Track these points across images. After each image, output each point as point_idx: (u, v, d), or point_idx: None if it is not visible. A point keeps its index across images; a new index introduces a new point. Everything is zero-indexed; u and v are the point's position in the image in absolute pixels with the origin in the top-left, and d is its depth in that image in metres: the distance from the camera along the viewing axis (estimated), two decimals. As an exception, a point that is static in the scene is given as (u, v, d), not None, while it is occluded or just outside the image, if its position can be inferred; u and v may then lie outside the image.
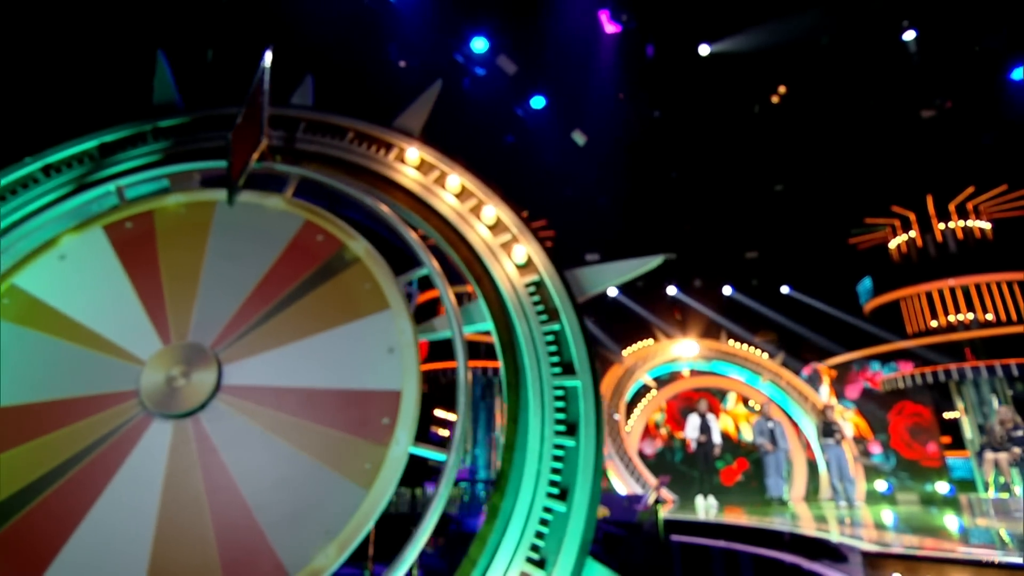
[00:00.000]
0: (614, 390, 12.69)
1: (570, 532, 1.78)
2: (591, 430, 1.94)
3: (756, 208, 14.41)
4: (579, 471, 1.86)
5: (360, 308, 1.86)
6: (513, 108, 9.57)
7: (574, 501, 1.82)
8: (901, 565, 4.12)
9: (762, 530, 6.25)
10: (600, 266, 2.45)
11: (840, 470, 9.43)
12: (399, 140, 2.56)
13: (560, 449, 1.92)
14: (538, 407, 1.97)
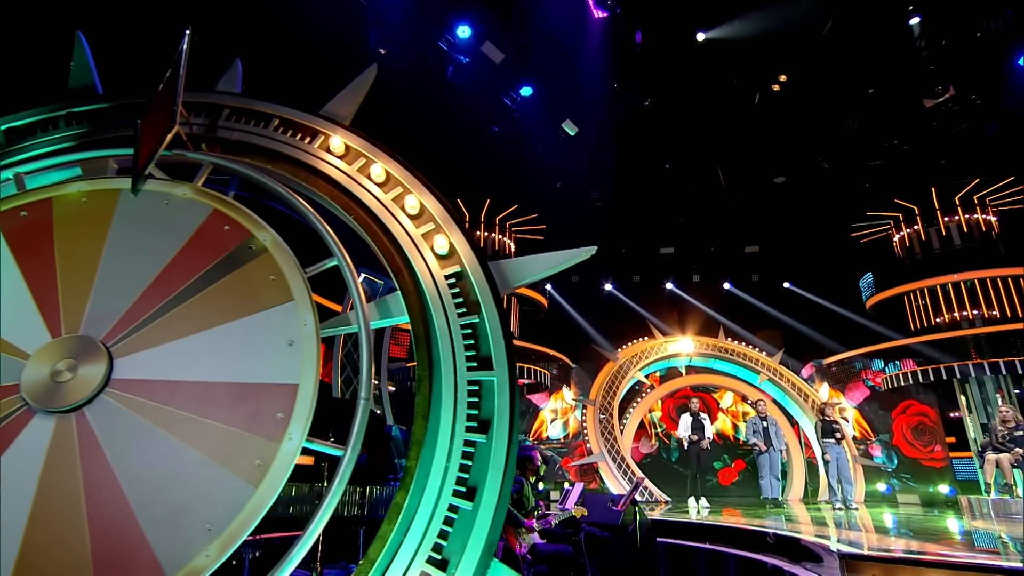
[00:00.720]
0: (606, 388, 12.69)
1: (475, 532, 1.76)
2: (504, 426, 1.92)
3: (756, 201, 14.32)
4: (489, 469, 1.85)
5: (263, 300, 1.85)
6: (499, 97, 9.52)
7: (482, 500, 1.81)
8: (878, 568, 4.12)
9: (746, 531, 6.25)
10: (528, 257, 2.44)
11: (839, 470, 9.40)
12: (325, 128, 2.54)
13: (470, 446, 1.90)
14: (450, 402, 1.96)
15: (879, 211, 12.20)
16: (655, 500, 11.24)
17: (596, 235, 15.00)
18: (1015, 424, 8.82)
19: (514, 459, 1.87)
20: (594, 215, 13.16)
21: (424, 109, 9.31)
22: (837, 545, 4.50)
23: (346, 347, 8.63)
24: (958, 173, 11.09)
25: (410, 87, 8.88)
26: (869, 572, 4.09)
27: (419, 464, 1.85)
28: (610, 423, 12.24)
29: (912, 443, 12.62)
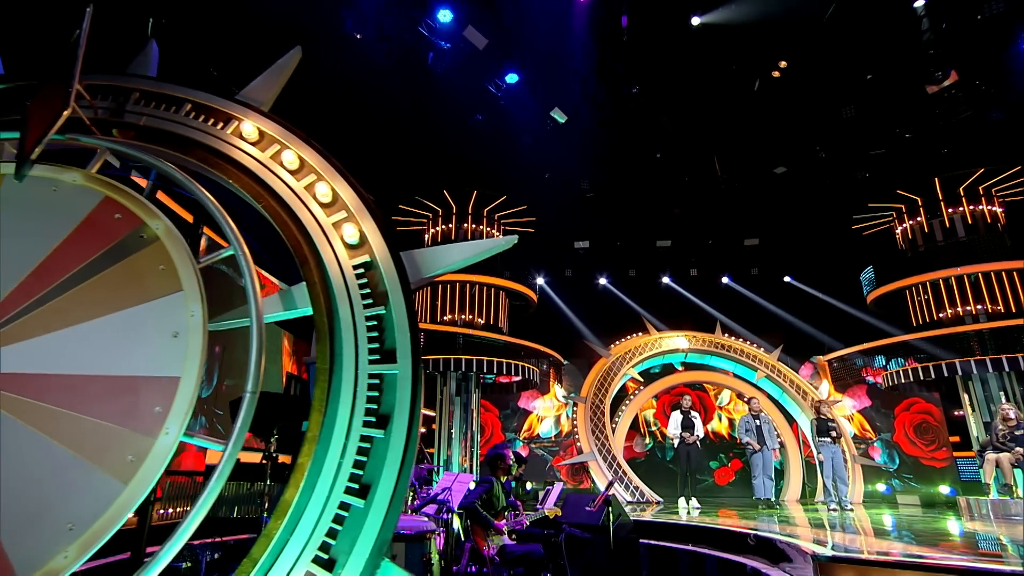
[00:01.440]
0: (598, 385, 12.68)
1: (366, 531, 1.74)
2: (403, 421, 1.90)
3: (756, 193, 14.22)
4: (385, 465, 1.82)
5: (150, 290, 1.83)
6: (483, 84, 9.45)
7: (375, 497, 1.78)
8: (852, 570, 4.10)
9: (728, 533, 6.24)
10: (444, 247, 2.40)
11: (834, 470, 9.37)
12: (239, 113, 2.51)
13: (367, 442, 1.88)
14: (349, 396, 1.94)
15: (881, 202, 12.10)
16: (647, 500, 11.24)
17: (589, 228, 15.02)
18: (1016, 423, 8.75)
19: (413, 456, 1.84)
20: (586, 207, 13.10)
21: (404, 97, 9.26)
22: (812, 547, 4.48)
23: (324, 343, 8.63)
24: (962, 162, 10.97)
25: (388, 74, 8.83)
26: (843, 574, 4.07)
27: (312, 460, 1.83)
28: (601, 421, 12.24)
29: (914, 441, 12.57)
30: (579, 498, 6.64)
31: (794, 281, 15.07)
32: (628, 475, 11.57)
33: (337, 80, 8.63)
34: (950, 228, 11.31)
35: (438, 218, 12.43)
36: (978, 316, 10.82)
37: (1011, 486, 8.67)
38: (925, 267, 11.26)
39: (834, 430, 9.49)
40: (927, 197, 11.64)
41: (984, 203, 11.25)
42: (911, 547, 4.95)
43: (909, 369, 11.04)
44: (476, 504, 4.92)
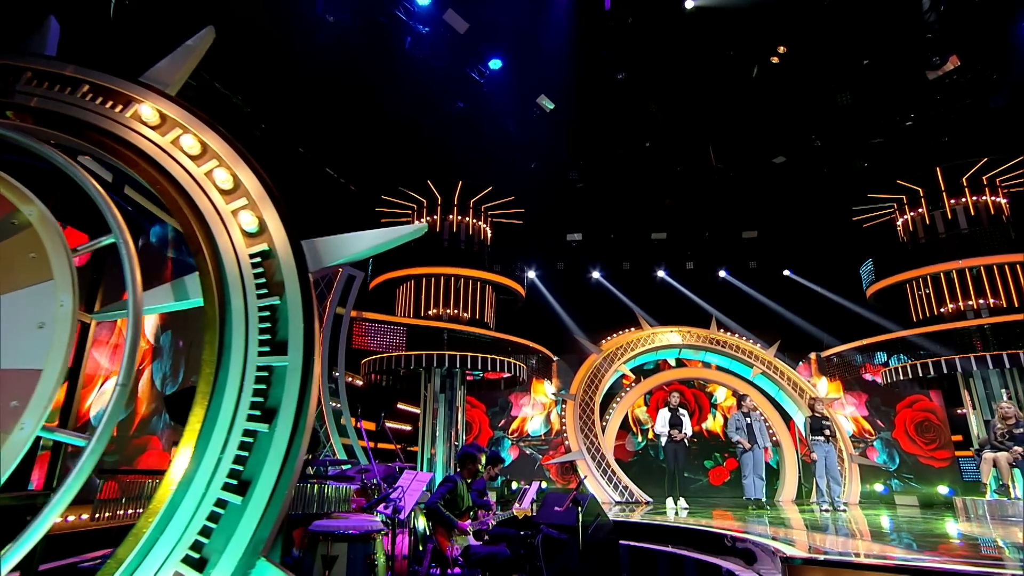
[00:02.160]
0: (588, 382, 12.64)
1: (241, 529, 1.71)
2: (289, 415, 1.86)
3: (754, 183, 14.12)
4: (267, 461, 1.79)
5: (18, 279, 1.79)
6: (465, 70, 9.38)
7: (254, 494, 1.75)
8: (821, 571, 4.08)
9: (707, 533, 6.22)
10: (348, 235, 2.36)
11: (827, 470, 9.34)
12: (139, 94, 2.46)
13: (250, 436, 1.85)
14: (235, 389, 1.90)
15: (881, 193, 12.00)
16: (636, 501, 11.23)
17: (581, 219, 14.96)
18: (1015, 421, 8.69)
19: (298, 451, 1.81)
20: (577, 198, 13.03)
21: (380, 84, 9.19)
22: (782, 548, 4.45)
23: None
24: (965, 151, 10.86)
25: (363, 60, 8.76)
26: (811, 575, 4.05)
27: (192, 453, 1.80)
28: (591, 419, 12.21)
29: (913, 439, 12.53)
30: (558, 498, 6.62)
31: (793, 275, 14.99)
32: (617, 474, 11.55)
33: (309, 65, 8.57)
34: (952, 220, 11.21)
35: (423, 209, 12.39)
36: (980, 311, 10.74)
37: (1008, 486, 8.63)
38: (926, 260, 11.17)
39: (828, 428, 9.44)
40: (929, 188, 11.54)
41: (988, 193, 11.14)
42: (889, 549, 4.92)
43: (908, 366, 10.97)
44: (438, 504, 4.91)
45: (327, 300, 8.92)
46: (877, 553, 4.62)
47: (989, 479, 8.62)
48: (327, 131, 10.24)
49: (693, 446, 13.66)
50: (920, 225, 11.63)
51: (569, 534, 6.13)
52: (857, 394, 13.16)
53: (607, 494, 11.31)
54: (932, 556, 4.37)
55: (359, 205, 12.22)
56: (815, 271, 14.79)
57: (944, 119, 10.17)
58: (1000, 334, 10.42)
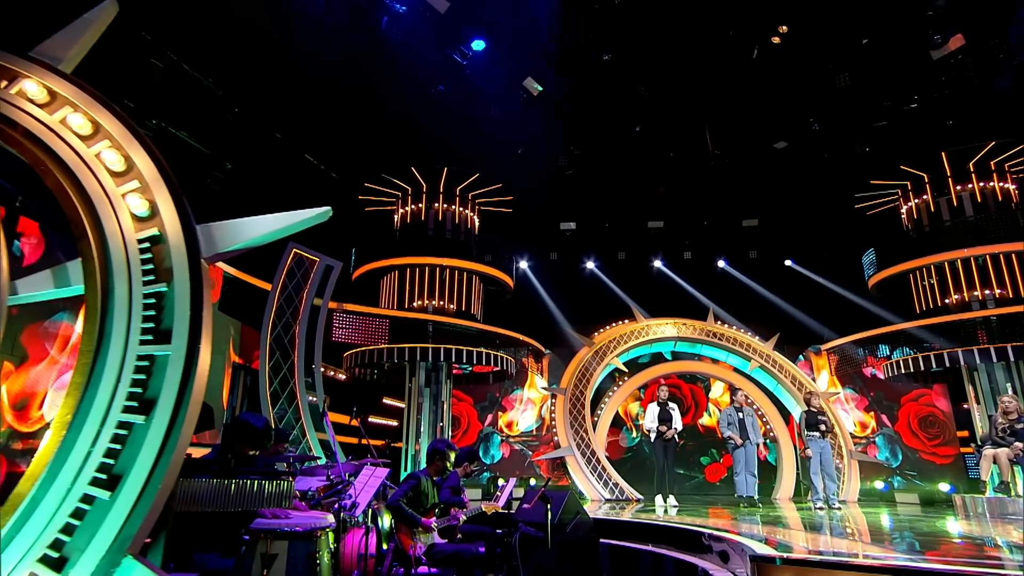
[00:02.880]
0: (579, 376, 12.59)
1: (107, 526, 1.66)
2: (168, 406, 1.81)
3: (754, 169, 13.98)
4: (140, 454, 1.74)
5: None
6: (446, 52, 9.26)
7: (123, 489, 1.70)
8: (790, 571, 4.03)
9: (684, 531, 6.18)
10: (246, 219, 2.29)
11: (822, 466, 9.27)
12: (25, 70, 2.37)
13: (124, 428, 1.79)
14: (112, 379, 1.84)
15: (885, 179, 11.85)
16: (626, 498, 11.21)
17: (575, 208, 14.83)
18: (1017, 416, 8.60)
19: (176, 444, 1.75)
20: (569, 185, 12.92)
21: (359, 67, 9.09)
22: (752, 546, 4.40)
23: (275, 331, 8.58)
24: (972, 135, 10.70)
25: (340, 41, 8.65)
26: (779, 574, 4.00)
27: (57, 449, 1.74)
28: (581, 414, 12.17)
29: (916, 433, 12.46)
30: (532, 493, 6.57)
31: (795, 265, 14.85)
32: (608, 471, 11.53)
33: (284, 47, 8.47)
34: (957, 207, 11.06)
35: (407, 197, 12.31)
36: (985, 302, 10.62)
37: (1008, 483, 8.55)
38: (930, 249, 11.04)
39: (824, 423, 9.37)
40: (934, 173, 11.39)
41: (995, 179, 10.99)
42: (869, 548, 4.86)
43: (910, 360, 10.87)
44: (400, 501, 4.86)
45: (303, 291, 8.87)
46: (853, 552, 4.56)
47: (988, 476, 8.55)
48: (305, 116, 10.15)
49: (689, 442, 13.67)
50: (924, 212, 11.49)
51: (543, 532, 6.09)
52: (859, 389, 13.08)
53: (597, 491, 11.29)
54: (907, 555, 4.32)
55: (341, 193, 12.14)
56: (818, 261, 14.66)
57: (949, 101, 10.00)
58: (1006, 326, 10.31)
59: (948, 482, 10.37)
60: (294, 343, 8.51)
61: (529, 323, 13.67)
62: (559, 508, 6.46)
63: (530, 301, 14.30)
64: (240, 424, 3.44)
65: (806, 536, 5.66)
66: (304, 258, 8.95)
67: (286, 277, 8.72)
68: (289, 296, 8.72)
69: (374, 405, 13.09)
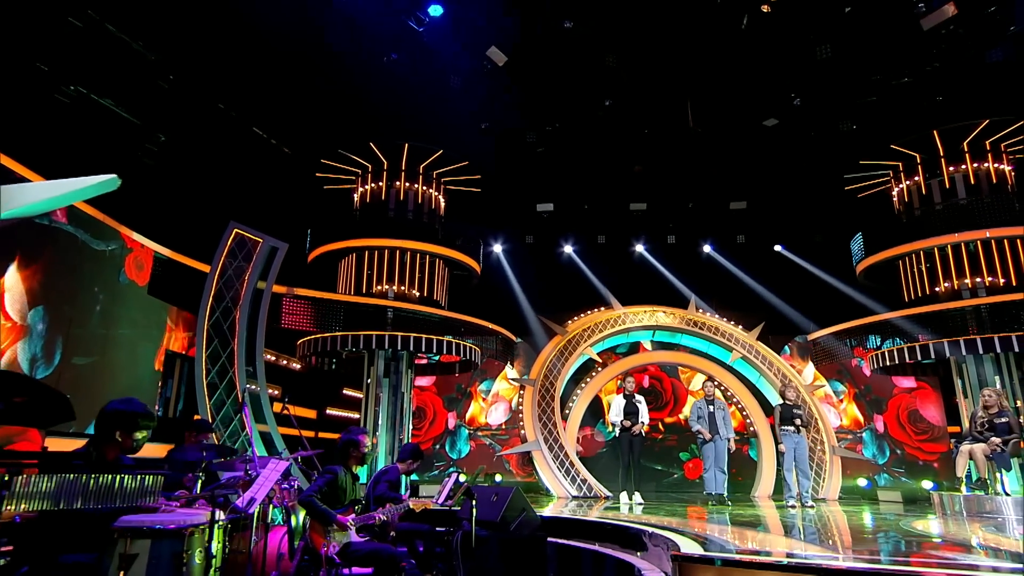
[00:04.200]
0: (550, 366, 12.60)
1: None
2: None
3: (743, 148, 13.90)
4: None
5: None
6: (400, 17, 9.10)
7: None
8: (713, 571, 4.04)
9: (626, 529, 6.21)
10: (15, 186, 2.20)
11: (797, 462, 9.32)
12: None
13: None
14: None
15: (875, 159, 11.79)
16: (594, 495, 11.27)
17: (552, 188, 14.73)
18: (998, 410, 8.66)
19: None
20: (543, 164, 12.81)
21: (305, 30, 8.92)
22: (682, 545, 4.41)
23: (214, 316, 8.51)
24: (966, 113, 10.63)
25: (280, 5, 8.49)
26: (701, 574, 4.02)
27: None
28: (551, 407, 12.20)
29: (903, 425, 12.55)
30: (486, 491, 6.58)
31: (785, 251, 14.83)
32: (576, 467, 11.58)
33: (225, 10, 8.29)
34: (950, 189, 11.03)
35: (367, 175, 12.18)
36: (976, 290, 10.63)
37: (986, 480, 8.63)
38: (919, 233, 11.02)
39: (800, 417, 9.40)
40: (927, 153, 11.33)
41: (991, 160, 10.94)
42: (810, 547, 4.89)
43: (896, 351, 10.90)
44: (314, 497, 4.84)
45: (245, 274, 8.79)
46: (788, 551, 4.58)
47: (965, 473, 8.62)
48: (252, 85, 9.98)
49: (669, 437, 13.74)
50: (916, 195, 11.46)
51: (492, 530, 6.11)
52: (848, 382, 13.14)
53: (564, 488, 11.35)
54: (842, 555, 4.33)
55: (296, 170, 12.02)
56: (809, 247, 14.65)
57: (942, 76, 9.92)
58: (997, 316, 10.31)
59: (931, 480, 10.44)
60: (234, 329, 8.44)
61: (500, 310, 13.65)
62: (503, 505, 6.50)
63: (502, 287, 14.27)
64: (107, 412, 3.40)
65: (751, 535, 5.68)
66: (246, 239, 8.85)
67: (226, 258, 8.63)
68: (229, 279, 8.63)
69: (334, 396, 13.08)
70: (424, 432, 13.25)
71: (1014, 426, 8.54)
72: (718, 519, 7.21)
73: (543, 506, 9.86)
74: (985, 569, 3.99)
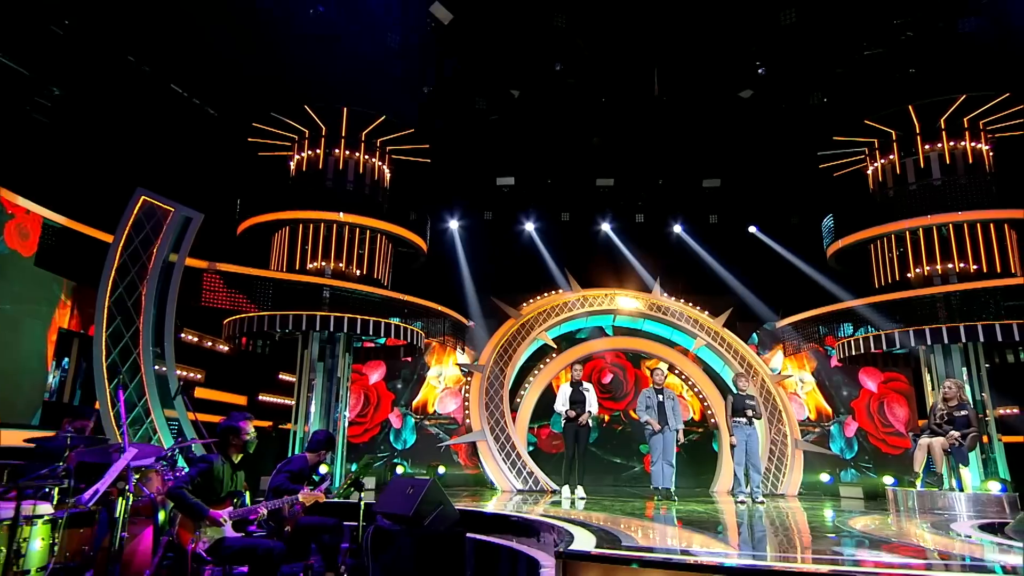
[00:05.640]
0: (501, 351, 12.54)
1: None
2: None
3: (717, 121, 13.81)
4: None
5: None
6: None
7: None
8: (598, 568, 4.01)
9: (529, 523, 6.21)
10: None
11: (748, 456, 9.37)
12: None
13: None
14: None
15: (850, 135, 11.73)
16: (541, 489, 11.30)
17: (510, 161, 14.55)
18: (958, 402, 8.77)
19: None
20: (496, 133, 12.60)
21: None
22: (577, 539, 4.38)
23: (116, 291, 8.27)
24: (942, 87, 10.59)
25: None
26: (588, 573, 3.99)
27: None
28: (499, 395, 12.15)
29: (872, 415, 12.69)
30: (401, 483, 6.50)
31: (759, 232, 14.81)
32: (523, 459, 11.59)
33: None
34: (924, 168, 11.03)
35: (304, 141, 11.89)
36: (948, 277, 10.68)
37: (941, 476, 8.75)
38: (890, 215, 11.02)
39: (752, 408, 9.44)
40: (904, 130, 11.29)
41: (968, 138, 10.93)
42: (719, 545, 4.88)
43: (860, 340, 10.96)
44: (184, 489, 4.72)
45: (154, 246, 8.54)
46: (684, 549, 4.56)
47: (921, 467, 8.73)
48: (168, 38, 9.63)
49: (627, 428, 13.79)
50: (890, 174, 11.45)
51: (406, 525, 6.03)
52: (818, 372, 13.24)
53: (509, 482, 11.37)
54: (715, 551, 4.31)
55: (226, 133, 11.70)
56: (786, 229, 14.64)
57: (916, 47, 9.85)
58: (968, 304, 10.38)
59: (892, 475, 10.58)
60: (139, 306, 8.22)
61: (454, 292, 13.52)
62: (418, 498, 6.42)
63: (455, 266, 14.11)
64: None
65: (670, 533, 5.68)
66: (156, 207, 8.59)
67: (132, 229, 8.36)
68: (136, 251, 8.38)
69: (268, 381, 12.90)
70: (369, 419, 13.15)
71: (973, 420, 8.66)
72: (648, 515, 7.22)
73: (486, 500, 9.86)
74: (868, 564, 4.01)
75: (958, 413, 8.65)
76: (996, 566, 3.93)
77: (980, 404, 10.12)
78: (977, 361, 10.38)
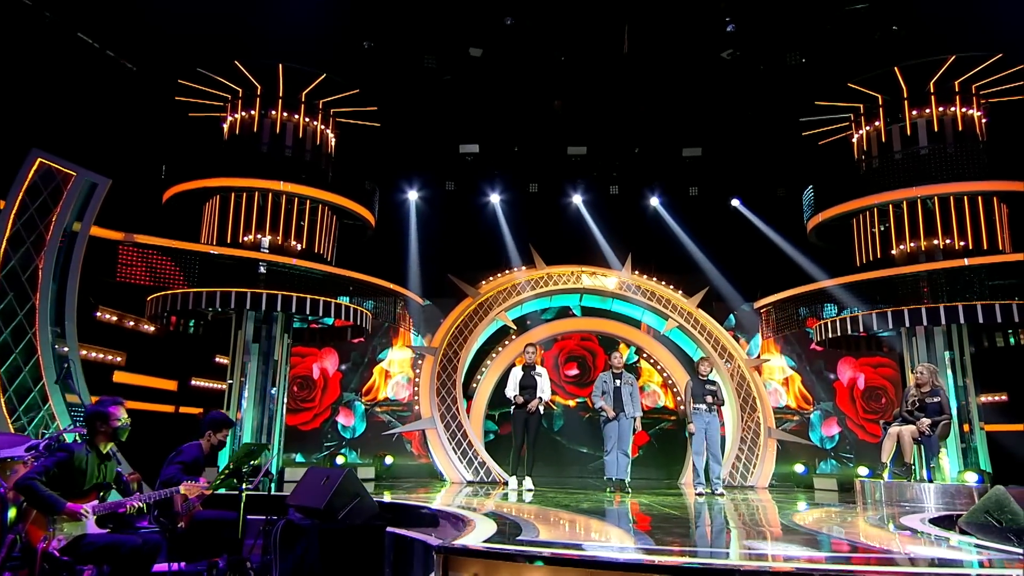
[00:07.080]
0: (456, 333, 12.39)
1: None
2: None
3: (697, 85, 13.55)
4: None
5: None
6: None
7: None
8: (480, 565, 3.90)
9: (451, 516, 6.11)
10: None
11: (708, 445, 9.31)
12: None
13: None
14: None
15: (833, 100, 11.52)
16: (492, 480, 11.23)
17: (466, 125, 14.24)
18: (930, 388, 8.68)
19: None
20: (448, 94, 12.28)
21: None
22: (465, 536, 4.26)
23: (8, 264, 8.02)
24: (929, 47, 10.37)
25: None
26: (470, 570, 3.88)
27: None
28: (452, 380, 12.03)
29: (854, 400, 12.65)
30: (317, 473, 6.36)
31: (742, 206, 14.62)
32: (475, 449, 11.49)
33: None
34: (911, 136, 10.84)
35: (238, 102, 11.57)
36: (933, 253, 10.56)
37: (911, 466, 8.71)
38: (872, 187, 10.87)
39: (713, 395, 9.35)
40: (891, 95, 11.09)
41: (959, 103, 10.74)
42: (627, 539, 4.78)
43: (837, 321, 10.86)
44: (36, 480, 4.52)
45: (52, 214, 8.28)
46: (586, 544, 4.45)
47: (889, 457, 8.67)
48: None
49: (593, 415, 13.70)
50: (875, 142, 11.26)
51: (318, 518, 5.88)
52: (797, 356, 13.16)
53: (459, 472, 11.29)
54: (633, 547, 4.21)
55: (148, 91, 11.35)
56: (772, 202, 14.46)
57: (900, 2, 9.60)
58: (953, 284, 10.27)
59: (868, 466, 10.56)
60: (36, 281, 7.98)
61: (406, 269, 13.32)
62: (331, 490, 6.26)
63: (409, 241, 13.88)
64: None
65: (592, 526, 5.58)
66: (54, 171, 8.30)
67: (26, 195, 8.09)
68: (31, 219, 8.12)
69: (202, 364, 12.70)
70: (318, 403, 12.99)
71: (945, 406, 8.59)
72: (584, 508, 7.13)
73: (435, 491, 9.76)
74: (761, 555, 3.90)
75: (930, 400, 8.57)
76: (907, 559, 3.85)
77: (962, 391, 10.08)
78: (961, 345, 10.31)
